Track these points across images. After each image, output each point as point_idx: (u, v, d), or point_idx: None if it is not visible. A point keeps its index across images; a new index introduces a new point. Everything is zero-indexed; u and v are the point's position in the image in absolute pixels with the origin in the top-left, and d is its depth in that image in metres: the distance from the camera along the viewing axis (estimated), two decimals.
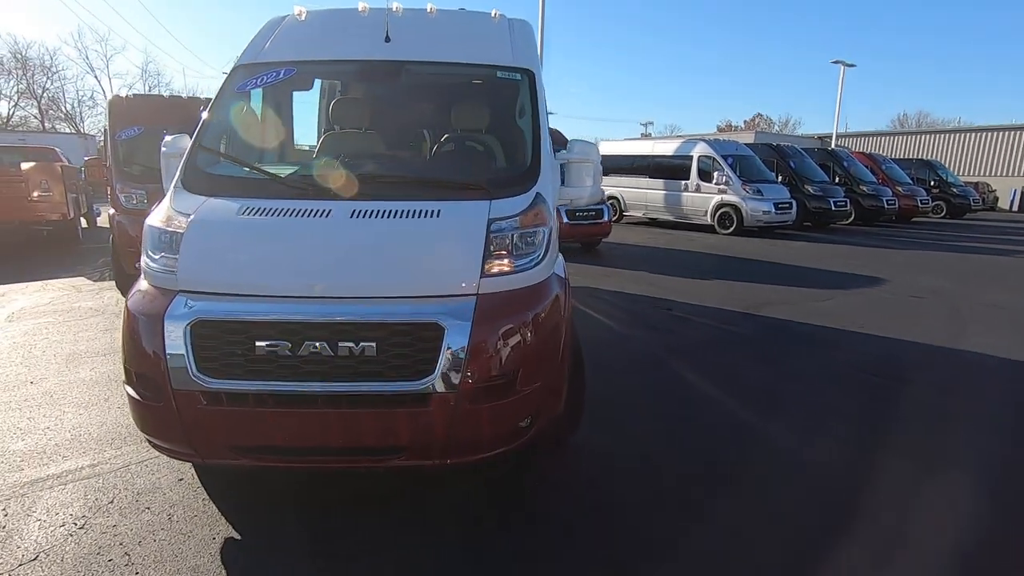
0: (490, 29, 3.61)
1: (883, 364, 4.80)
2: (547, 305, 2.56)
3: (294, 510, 2.58)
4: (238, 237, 2.44)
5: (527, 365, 2.42)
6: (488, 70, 3.34)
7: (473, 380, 2.24)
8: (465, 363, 2.22)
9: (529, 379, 2.43)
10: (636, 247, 12.32)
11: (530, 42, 3.69)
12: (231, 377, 2.19)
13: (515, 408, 2.40)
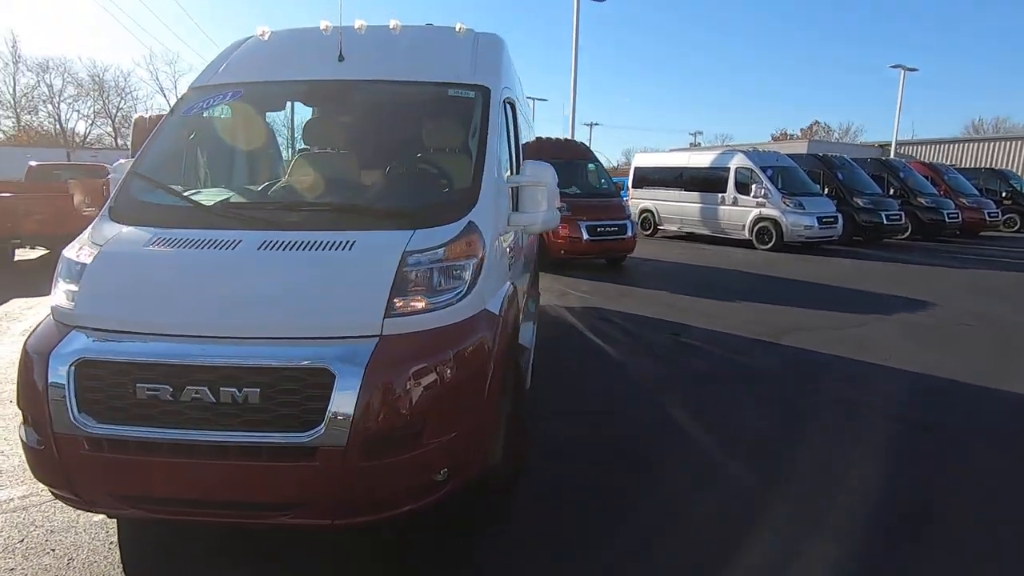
0: (452, 45, 3.43)
1: (907, 406, 4.26)
2: (468, 346, 2.32)
3: (206, 560, 2.42)
4: (136, 270, 2.33)
5: (437, 414, 2.18)
6: (439, 88, 3.15)
7: (366, 432, 2.02)
8: (356, 413, 2.00)
9: (440, 430, 2.18)
10: (664, 263, 11.82)
11: (495, 57, 3.47)
12: (113, 422, 2.05)
13: (421, 462, 2.16)
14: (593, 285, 9.03)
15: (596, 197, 11.07)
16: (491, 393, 2.40)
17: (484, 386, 2.35)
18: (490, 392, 2.39)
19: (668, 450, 3.51)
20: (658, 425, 3.86)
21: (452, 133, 3.09)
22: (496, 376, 2.44)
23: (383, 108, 3.33)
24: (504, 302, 2.71)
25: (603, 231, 10.29)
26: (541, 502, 2.93)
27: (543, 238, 10.11)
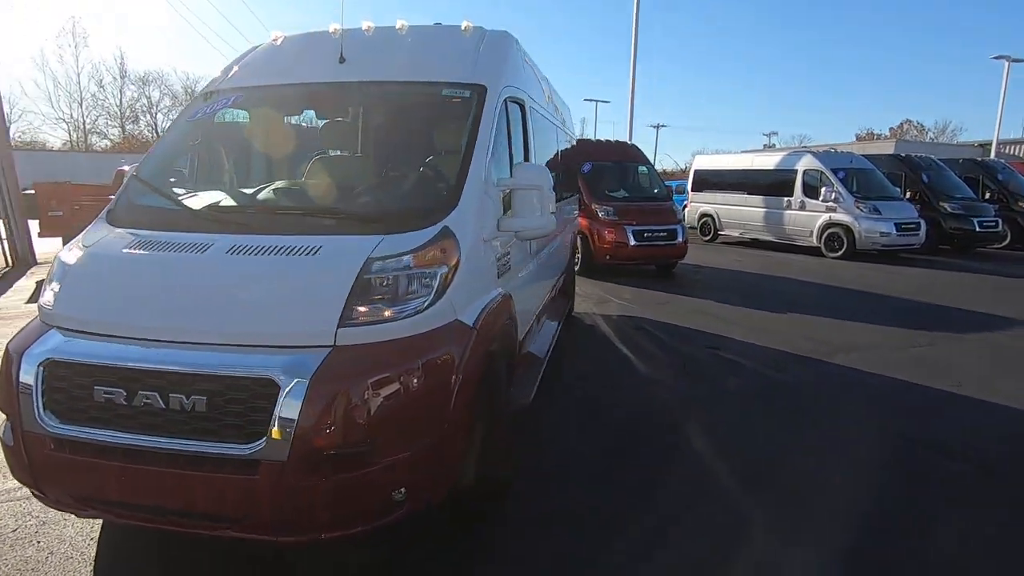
0: (454, 44, 3.31)
1: (970, 444, 3.72)
2: (430, 359, 2.18)
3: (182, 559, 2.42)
4: (111, 272, 2.36)
5: (391, 431, 2.06)
6: (433, 87, 3.04)
7: (308, 448, 1.92)
8: (298, 428, 1.91)
9: (394, 448, 2.06)
10: (720, 271, 11.21)
11: (499, 56, 3.32)
12: (73, 423, 2.08)
13: (372, 482, 2.04)
14: (637, 292, 8.66)
15: (645, 201, 10.65)
16: (457, 410, 2.25)
17: (448, 403, 2.21)
18: (456, 409, 2.24)
19: (672, 493, 3.09)
20: (669, 454, 3.53)
21: (443, 134, 2.97)
22: (465, 392, 2.28)
23: (375, 110, 3.27)
24: (484, 313, 2.55)
25: (651, 236, 9.87)
26: (527, 525, 2.74)
27: (586, 243, 9.89)
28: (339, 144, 3.34)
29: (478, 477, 2.47)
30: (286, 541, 2.06)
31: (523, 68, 3.82)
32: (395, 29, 3.41)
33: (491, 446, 2.59)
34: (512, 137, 3.28)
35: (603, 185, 10.44)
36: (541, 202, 2.79)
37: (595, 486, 3.12)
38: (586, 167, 10.52)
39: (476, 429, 2.43)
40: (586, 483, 3.15)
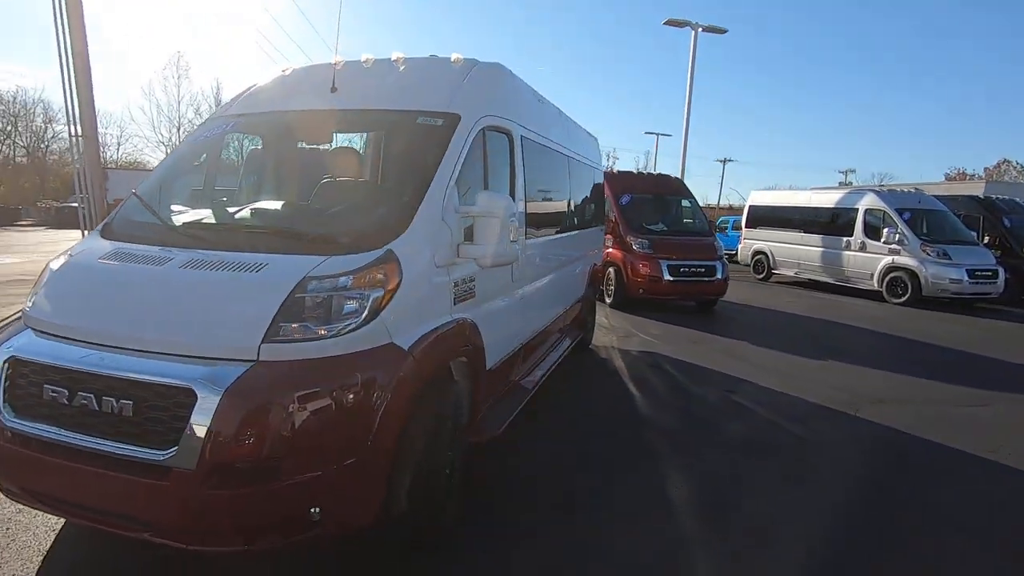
0: (441, 75, 3.40)
1: (1011, 527, 3.27)
2: (354, 380, 2.19)
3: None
4: (80, 279, 2.54)
5: (301, 449, 2.07)
6: (409, 115, 3.12)
7: (215, 458, 1.96)
8: (207, 437, 1.96)
9: (304, 466, 2.07)
10: (765, 311, 10.67)
11: (483, 87, 3.38)
12: (26, 418, 2.22)
13: (281, 497, 2.05)
14: (667, 328, 8.38)
15: (685, 235, 10.38)
16: (382, 435, 2.24)
17: (370, 426, 2.20)
18: (380, 433, 2.23)
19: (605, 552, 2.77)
20: (626, 507, 3.22)
21: (412, 160, 3.03)
22: (392, 416, 2.27)
23: (352, 135, 3.38)
24: (429, 338, 2.54)
25: (687, 272, 9.58)
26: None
27: (620, 275, 9.71)
28: (304, 168, 3.48)
29: (415, 507, 2.42)
30: (198, 549, 2.08)
31: (516, 99, 3.86)
32: (391, 61, 3.55)
33: (433, 476, 2.54)
34: (490, 166, 3.30)
35: (641, 218, 10.26)
36: (500, 230, 2.77)
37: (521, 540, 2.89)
38: (624, 199, 10.42)
39: (407, 456, 2.39)
40: (513, 536, 2.93)
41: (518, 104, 3.87)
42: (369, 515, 2.31)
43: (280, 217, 2.99)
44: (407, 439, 2.38)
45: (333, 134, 3.46)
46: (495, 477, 3.48)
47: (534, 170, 4.11)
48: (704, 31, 18.07)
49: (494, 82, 3.53)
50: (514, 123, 3.70)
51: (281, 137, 3.53)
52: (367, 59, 3.59)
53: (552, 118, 4.92)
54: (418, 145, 3.00)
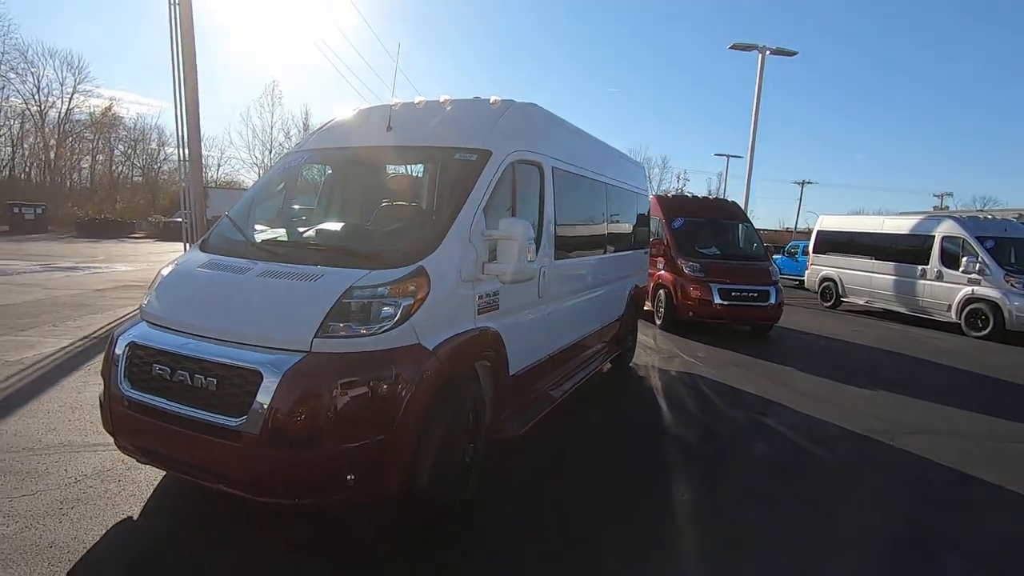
0: (480, 114, 3.91)
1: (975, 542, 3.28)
2: (384, 371, 2.68)
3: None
4: (176, 281, 3.21)
5: (339, 424, 2.57)
6: (449, 151, 3.64)
7: (273, 426, 2.49)
8: (268, 410, 2.50)
9: (341, 438, 2.57)
10: (825, 339, 10.38)
11: (516, 125, 3.85)
12: (139, 389, 2.87)
13: (322, 462, 2.55)
14: (712, 351, 8.43)
15: (738, 260, 10.36)
16: (408, 418, 2.70)
17: (396, 410, 2.67)
18: (406, 417, 2.70)
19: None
20: (620, 521, 3.38)
21: (447, 189, 3.53)
22: (417, 403, 2.74)
23: (398, 167, 3.94)
24: (452, 342, 3.00)
25: (739, 296, 9.57)
26: None
27: (670, 298, 9.84)
28: (361, 196, 4.07)
29: (434, 483, 2.86)
30: (262, 500, 2.62)
31: (548, 134, 4.30)
32: (439, 103, 4.11)
33: (452, 460, 2.98)
34: (519, 194, 3.75)
35: (694, 241, 10.36)
36: (518, 251, 3.21)
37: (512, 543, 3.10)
38: (677, 222, 10.57)
39: (429, 440, 2.84)
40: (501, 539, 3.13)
41: (550, 139, 4.31)
42: (393, 487, 2.76)
43: (337, 236, 3.58)
44: (429, 425, 2.84)
45: (386, 166, 4.05)
46: (516, 473, 3.86)
47: (566, 197, 4.53)
48: (772, 54, 17.85)
49: (527, 120, 4.00)
50: (545, 156, 4.14)
51: (346, 168, 4.17)
52: (419, 101, 4.17)
53: (588, 149, 5.32)
54: (454, 177, 3.51)
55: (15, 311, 8.34)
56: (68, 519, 2.94)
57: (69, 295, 10.17)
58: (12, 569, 2.52)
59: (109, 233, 30.45)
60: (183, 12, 11.38)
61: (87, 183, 46.41)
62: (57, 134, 44.09)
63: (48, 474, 3.42)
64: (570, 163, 4.66)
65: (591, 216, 5.35)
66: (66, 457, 3.65)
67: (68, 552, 2.67)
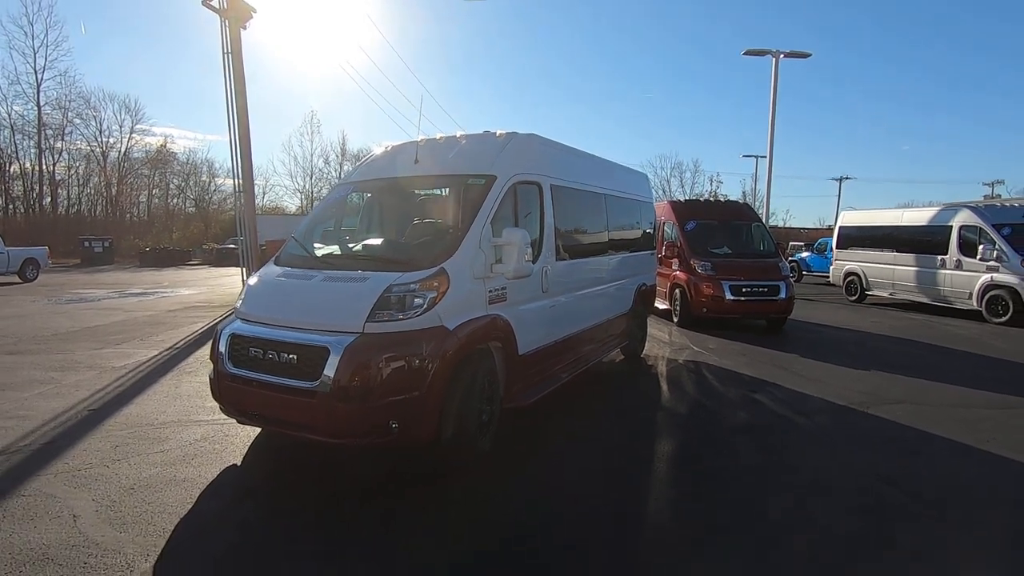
0: (487, 145, 4.85)
1: (923, 484, 3.92)
2: (415, 345, 3.61)
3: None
4: (260, 288, 4.24)
5: (385, 382, 3.50)
6: (462, 178, 4.59)
7: (338, 385, 3.44)
8: (334, 375, 3.45)
9: (386, 393, 3.50)
10: (840, 330, 10.82)
11: (517, 153, 4.78)
12: (239, 367, 3.88)
13: (372, 411, 3.48)
14: (723, 344, 9.07)
15: (749, 258, 10.95)
16: (435, 380, 3.62)
17: (426, 373, 3.59)
18: (434, 379, 3.61)
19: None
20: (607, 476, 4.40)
21: (462, 208, 4.45)
22: (441, 369, 3.65)
23: (425, 193, 4.92)
24: (468, 324, 3.91)
25: (750, 291, 10.17)
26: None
27: (685, 296, 10.51)
28: (394, 215, 5.06)
29: (457, 435, 3.76)
30: (335, 442, 3.57)
31: (545, 158, 5.20)
32: (456, 137, 5.09)
33: (471, 418, 3.87)
34: (521, 209, 4.66)
35: (705, 242, 11.02)
36: (517, 254, 4.10)
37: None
38: (690, 225, 11.27)
39: (452, 400, 3.74)
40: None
41: (547, 161, 5.21)
42: (425, 434, 3.67)
43: (378, 249, 4.58)
44: (452, 388, 3.74)
45: (415, 192, 5.05)
46: (531, 430, 4.72)
47: (565, 208, 5.41)
48: (786, 57, 18.32)
49: (526, 148, 4.91)
50: (543, 176, 5.04)
51: (383, 195, 5.18)
52: (440, 136, 5.17)
53: (585, 166, 6.20)
54: (467, 198, 4.44)
55: (106, 330, 9.74)
56: (191, 465, 3.98)
57: (146, 316, 11.61)
58: (161, 493, 3.54)
59: (168, 262, 32.85)
60: (235, 62, 12.89)
61: (145, 216, 49.91)
62: (118, 172, 47.65)
63: (168, 439, 4.49)
64: (567, 179, 5.54)
65: (590, 223, 6.20)
66: (179, 429, 4.72)
67: (195, 484, 3.68)
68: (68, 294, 15.60)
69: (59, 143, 43.96)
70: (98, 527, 3.11)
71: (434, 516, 3.38)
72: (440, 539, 3.12)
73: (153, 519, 3.21)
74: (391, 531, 3.16)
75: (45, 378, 6.37)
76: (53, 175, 43.81)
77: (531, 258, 4.27)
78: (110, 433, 4.62)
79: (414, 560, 2.90)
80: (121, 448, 4.29)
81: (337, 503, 3.50)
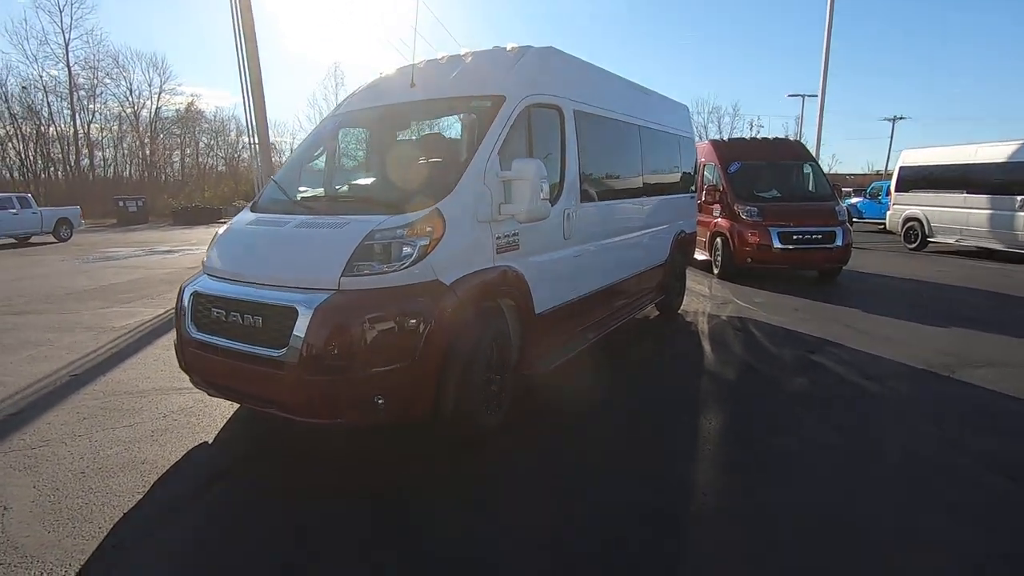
0: (497, 62, 4.00)
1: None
2: (405, 305, 2.92)
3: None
4: (228, 238, 3.59)
5: (368, 351, 2.85)
6: (465, 100, 3.77)
7: (308, 354, 2.81)
8: (304, 341, 2.81)
9: (370, 363, 2.85)
10: (903, 281, 9.71)
11: (532, 70, 3.91)
12: (202, 331, 3.29)
13: (351, 385, 2.84)
14: (771, 297, 8.16)
15: (800, 201, 9.82)
16: (428, 346, 2.95)
17: (416, 339, 2.92)
18: (427, 346, 2.94)
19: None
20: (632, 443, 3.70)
21: (465, 136, 3.68)
22: (436, 334, 2.97)
23: (420, 121, 4.11)
24: (470, 278, 3.20)
25: (801, 239, 9.11)
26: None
27: (727, 245, 9.53)
28: (386, 149, 4.27)
29: (459, 409, 3.11)
30: (305, 421, 2.96)
31: (568, 77, 4.31)
32: (461, 55, 4.23)
33: (475, 390, 3.20)
34: (536, 138, 3.84)
35: (751, 185, 9.93)
36: (530, 191, 3.32)
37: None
38: (733, 166, 10.15)
39: (453, 368, 3.08)
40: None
41: (570, 81, 4.33)
42: (418, 410, 3.04)
43: (365, 189, 3.85)
44: (451, 355, 3.06)
45: (410, 121, 4.25)
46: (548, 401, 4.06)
47: (592, 140, 4.55)
48: None
49: (543, 64, 4.04)
50: (565, 99, 4.17)
51: (375, 126, 4.40)
52: (442, 56, 4.32)
53: (616, 90, 5.26)
54: (470, 124, 3.65)
55: (120, 288, 9.45)
56: (157, 443, 3.47)
57: (164, 273, 11.32)
58: (111, 480, 3.04)
59: (200, 220, 32.97)
60: (245, 15, 12.01)
61: (179, 175, 50.30)
62: (150, 132, 47.82)
63: (143, 411, 4.00)
64: (594, 105, 4.65)
65: (622, 159, 5.32)
66: (158, 398, 4.24)
67: (156, 467, 3.17)
68: (96, 253, 15.54)
69: (91, 104, 44.14)
70: (27, 524, 2.62)
71: (430, 502, 2.79)
72: (436, 529, 2.53)
73: (94, 514, 2.70)
74: (380, 523, 2.58)
75: (40, 339, 6.02)
76: (88, 136, 44.20)
77: (548, 197, 3.48)
78: (83, 403, 4.17)
79: (403, 561, 2.31)
80: (89, 421, 3.82)
81: (319, 493, 2.94)
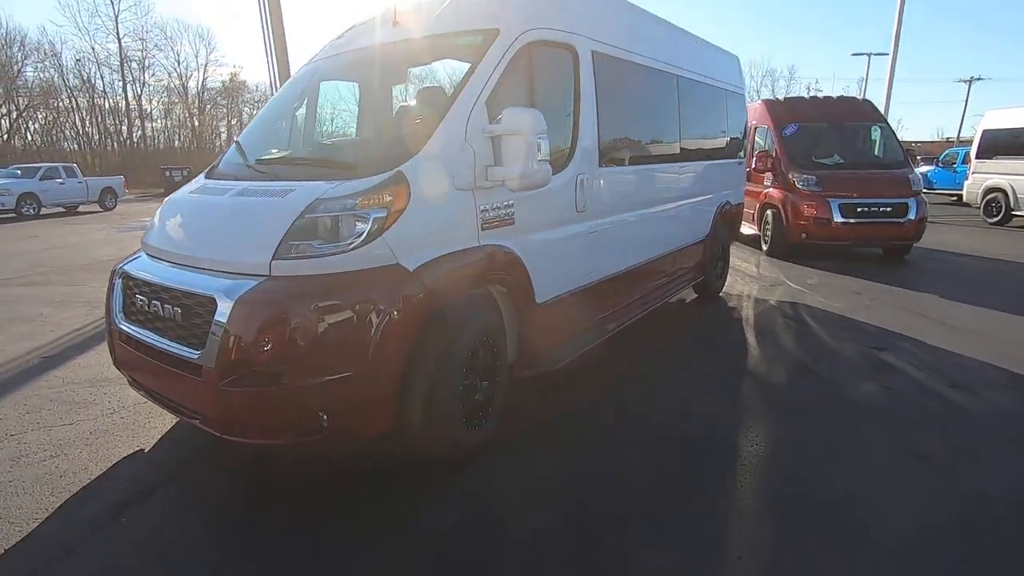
0: None
1: None
2: (353, 297, 2.28)
3: None
4: (169, 209, 2.99)
5: (304, 357, 2.22)
6: (448, 38, 3.01)
7: (227, 359, 2.20)
8: (222, 341, 2.21)
9: (305, 373, 2.23)
10: (984, 260, 8.50)
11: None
12: (128, 321, 2.74)
13: (288, 399, 2.23)
14: (829, 278, 7.16)
15: (867, 168, 8.60)
16: (384, 349, 2.30)
17: (366, 341, 2.27)
18: (382, 347, 2.30)
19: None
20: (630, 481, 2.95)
21: (446, 83, 2.94)
22: (395, 332, 2.33)
23: (398, 65, 3.38)
24: (442, 263, 2.51)
25: (866, 212, 7.97)
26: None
27: (778, 218, 8.48)
28: (376, 100, 3.57)
29: (430, 424, 2.48)
30: (230, 440, 2.35)
31: (584, 9, 3.47)
32: None
33: (451, 401, 2.55)
34: (540, 84, 3.06)
35: (809, 150, 8.78)
36: (527, 149, 2.57)
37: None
38: (789, 129, 9.00)
39: (418, 377, 2.43)
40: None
41: (587, 14, 3.49)
42: (376, 428, 2.41)
43: (325, 148, 3.18)
44: (416, 359, 2.41)
45: (388, 66, 3.51)
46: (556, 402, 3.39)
47: (615, 90, 3.73)
48: None
49: None
50: (579, 36, 3.36)
51: (351, 73, 3.69)
52: None
53: (648, 30, 4.36)
54: (461, 65, 2.90)
55: None
56: (90, 448, 2.99)
57: None
58: (22, 497, 2.56)
59: None
60: None
61: (225, 145, 51.06)
62: (198, 103, 48.49)
63: (93, 404, 3.54)
64: (619, 46, 3.79)
65: (654, 114, 4.46)
66: (115, 389, 3.77)
67: (76, 480, 2.68)
68: (134, 222, 15.58)
69: (142, 76, 44.91)
70: None
71: (394, 521, 2.19)
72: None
73: None
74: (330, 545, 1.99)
75: (34, 315, 5.73)
76: (140, 107, 45.13)
77: (547, 158, 2.72)
78: (37, 392, 3.76)
79: None
80: (30, 416, 3.38)
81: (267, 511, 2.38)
